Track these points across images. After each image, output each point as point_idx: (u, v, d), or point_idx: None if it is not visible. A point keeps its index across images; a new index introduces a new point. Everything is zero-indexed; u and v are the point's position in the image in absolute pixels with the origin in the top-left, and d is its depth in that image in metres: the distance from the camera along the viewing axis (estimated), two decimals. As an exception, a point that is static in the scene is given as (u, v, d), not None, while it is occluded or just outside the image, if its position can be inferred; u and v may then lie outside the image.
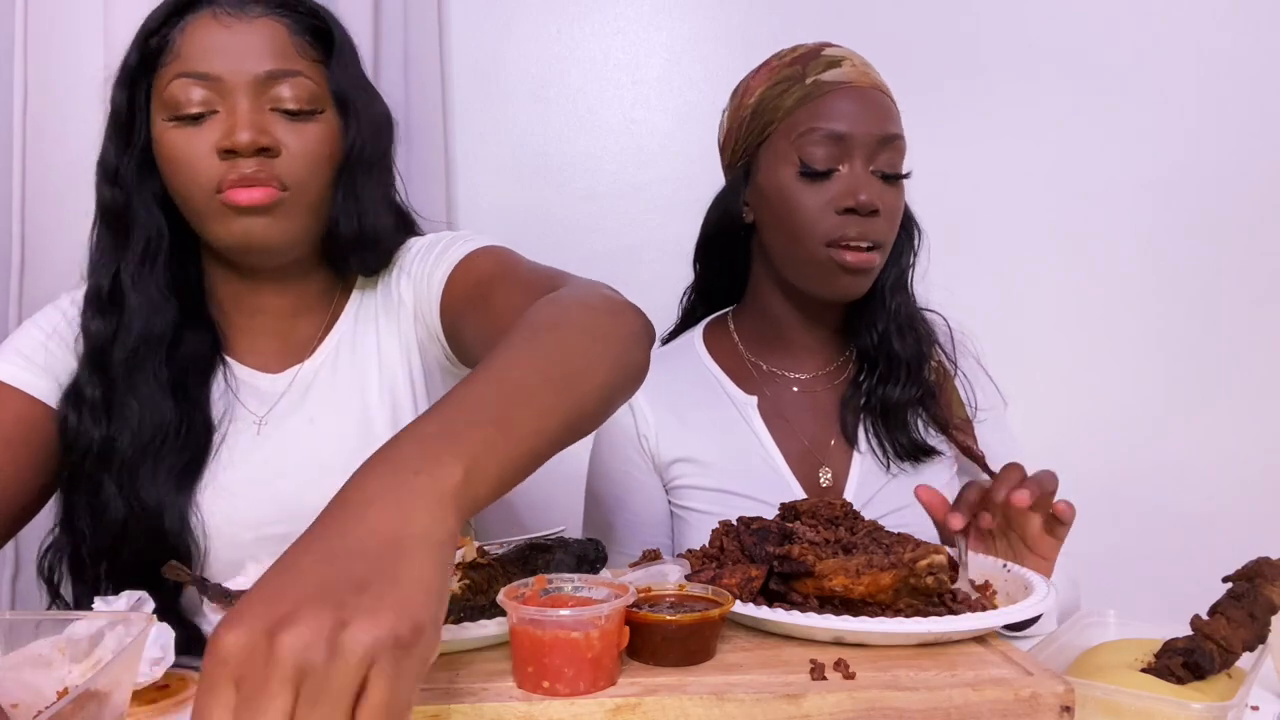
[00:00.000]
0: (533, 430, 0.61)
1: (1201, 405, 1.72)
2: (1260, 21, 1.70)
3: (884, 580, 0.75)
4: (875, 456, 1.18)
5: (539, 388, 0.64)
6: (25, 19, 1.47)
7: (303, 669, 0.43)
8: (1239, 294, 1.74)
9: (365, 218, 1.01)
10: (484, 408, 0.60)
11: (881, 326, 1.17)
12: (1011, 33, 1.71)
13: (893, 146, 1.11)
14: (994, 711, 0.64)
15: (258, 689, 0.43)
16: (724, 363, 1.23)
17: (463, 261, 1.01)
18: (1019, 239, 1.72)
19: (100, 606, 0.75)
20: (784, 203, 1.12)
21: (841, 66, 1.13)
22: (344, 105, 0.99)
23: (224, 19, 0.95)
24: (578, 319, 0.75)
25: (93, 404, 0.96)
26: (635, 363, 0.78)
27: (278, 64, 0.95)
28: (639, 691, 0.64)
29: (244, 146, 0.92)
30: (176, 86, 0.94)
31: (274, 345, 1.06)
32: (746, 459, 1.17)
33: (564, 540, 0.89)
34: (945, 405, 1.20)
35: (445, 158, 1.64)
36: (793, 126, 1.12)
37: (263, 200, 0.93)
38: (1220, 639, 0.78)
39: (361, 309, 1.09)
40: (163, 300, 0.99)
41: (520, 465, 0.60)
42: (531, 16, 1.69)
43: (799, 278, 1.15)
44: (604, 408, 0.72)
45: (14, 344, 1.00)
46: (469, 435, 0.57)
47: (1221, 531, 1.60)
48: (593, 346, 0.72)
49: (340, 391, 1.04)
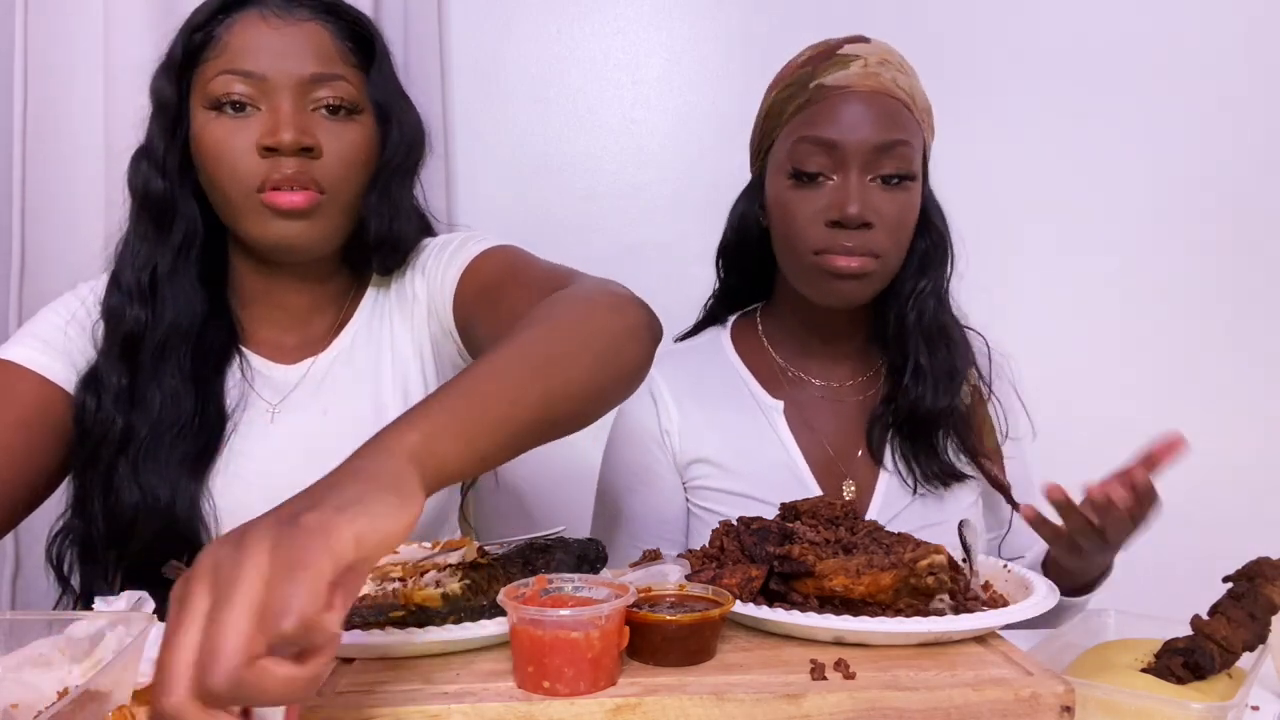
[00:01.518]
0: (504, 403, 0.66)
1: (1201, 405, 1.72)
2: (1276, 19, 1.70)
3: (884, 580, 0.75)
4: (901, 476, 1.15)
5: (513, 370, 0.68)
6: (25, 19, 1.47)
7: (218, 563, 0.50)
8: (1238, 294, 1.74)
9: (395, 222, 1.03)
10: (456, 385, 0.66)
11: (906, 338, 1.14)
12: (1011, 33, 1.71)
13: (894, 153, 1.07)
14: (994, 711, 0.64)
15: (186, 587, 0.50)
16: (751, 363, 1.21)
17: (476, 259, 1.03)
18: (1019, 239, 1.72)
19: (100, 606, 0.75)
20: (779, 210, 1.12)
21: (849, 68, 1.09)
22: (383, 112, 1.02)
23: (271, 20, 0.97)
24: (570, 313, 0.78)
25: (116, 392, 0.97)
26: (633, 355, 0.79)
27: (321, 67, 0.97)
28: (639, 691, 0.64)
29: (287, 145, 0.93)
30: (221, 82, 0.95)
31: (289, 338, 1.08)
32: (770, 465, 1.15)
33: (564, 540, 0.89)
34: (976, 431, 1.17)
35: (445, 158, 1.64)
36: (790, 133, 1.11)
37: (302, 205, 0.95)
38: (1220, 639, 0.78)
39: (376, 305, 1.10)
40: (195, 292, 1.01)
41: (491, 437, 0.64)
42: (531, 16, 1.69)
43: (798, 284, 1.14)
44: (592, 398, 0.75)
45: (31, 329, 1.01)
46: (433, 406, 0.63)
47: (1221, 531, 1.60)
48: (578, 337, 0.75)
49: (353, 384, 1.06)
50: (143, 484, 0.95)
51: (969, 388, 1.18)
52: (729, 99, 1.24)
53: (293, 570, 0.49)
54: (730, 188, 1.25)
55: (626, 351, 0.78)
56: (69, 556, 1.01)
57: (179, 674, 0.47)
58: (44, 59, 1.49)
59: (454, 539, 0.99)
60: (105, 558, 0.98)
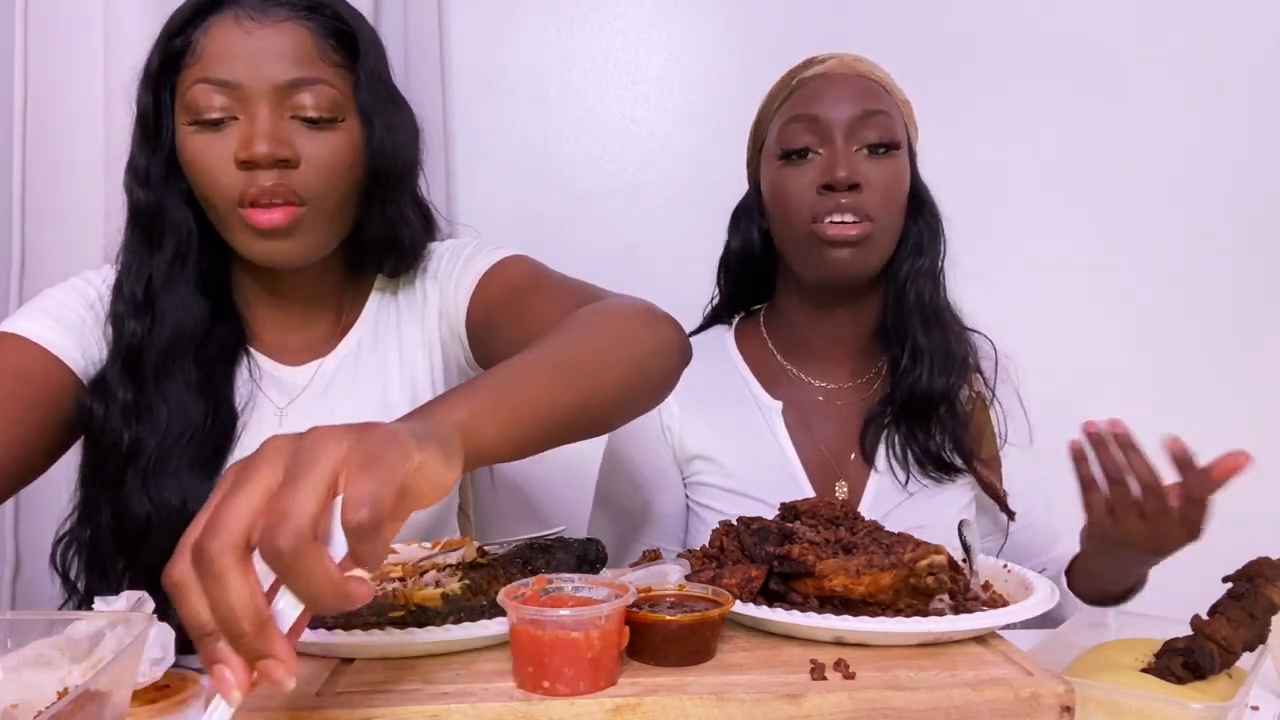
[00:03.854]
0: (545, 398, 0.68)
1: (1201, 405, 1.72)
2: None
3: (884, 580, 0.75)
4: (893, 475, 1.16)
5: (557, 368, 0.71)
6: (25, 19, 1.47)
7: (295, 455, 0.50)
8: (1238, 294, 1.74)
9: (393, 225, 1.02)
10: (502, 373, 0.68)
11: (905, 321, 1.15)
12: (1012, 31, 1.70)
13: (874, 121, 1.10)
14: (994, 711, 0.64)
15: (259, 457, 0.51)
16: (753, 363, 1.22)
17: (495, 267, 1.04)
18: (1019, 239, 1.72)
19: (100, 606, 0.75)
20: (773, 192, 1.15)
21: (827, 64, 1.15)
22: (369, 113, 0.98)
23: (245, 23, 0.93)
24: (610, 323, 0.81)
25: (124, 405, 0.95)
26: (661, 371, 0.82)
27: (300, 71, 0.93)
28: (639, 691, 0.64)
29: (262, 158, 0.91)
30: (197, 92, 0.93)
31: (296, 340, 1.07)
32: (766, 464, 1.16)
33: (564, 540, 0.89)
34: (975, 437, 1.17)
35: (445, 158, 1.64)
36: (777, 123, 1.15)
37: (281, 223, 0.93)
38: (1220, 639, 0.78)
39: (382, 306, 1.10)
40: (194, 300, 0.99)
41: (529, 428, 0.67)
42: (531, 16, 1.69)
43: (796, 265, 1.15)
44: (622, 404, 0.78)
45: (39, 305, 0.99)
46: (479, 389, 0.65)
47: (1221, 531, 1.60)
48: (616, 347, 0.78)
49: (361, 386, 1.06)
50: (153, 496, 0.94)
51: (971, 393, 1.18)
52: (729, 99, 1.24)
53: (370, 464, 0.49)
54: (729, 187, 1.25)
55: (658, 367, 0.81)
56: (76, 564, 0.99)
57: (233, 524, 0.48)
58: (44, 59, 1.49)
59: (454, 539, 0.99)
60: (113, 567, 0.97)
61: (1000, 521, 1.20)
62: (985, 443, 1.19)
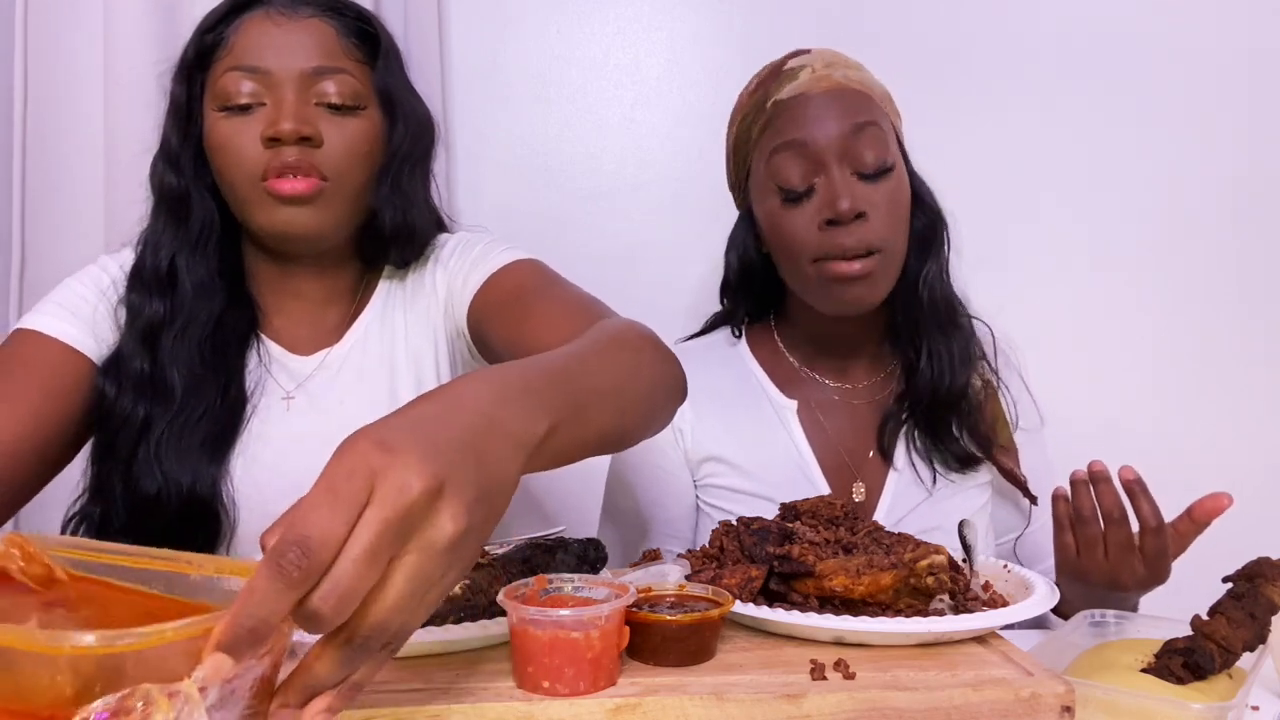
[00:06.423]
0: (604, 423, 0.67)
1: (1201, 405, 1.72)
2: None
3: (884, 580, 0.75)
4: (914, 472, 1.15)
5: (607, 392, 0.68)
6: (25, 19, 1.47)
7: (398, 508, 0.47)
8: (1238, 294, 1.74)
9: (408, 212, 1.06)
10: (566, 389, 0.63)
11: (919, 323, 1.14)
12: (1012, 31, 1.70)
13: (865, 135, 1.07)
14: (994, 711, 0.64)
15: (354, 487, 0.47)
16: (767, 364, 1.22)
17: (506, 267, 1.06)
18: (1020, 238, 1.72)
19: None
20: (774, 231, 1.12)
21: (799, 78, 1.11)
22: (387, 105, 1.04)
23: (276, 18, 1.00)
24: (630, 347, 0.79)
25: (137, 382, 0.99)
26: (665, 405, 0.82)
27: (324, 61, 1.00)
28: (639, 691, 0.64)
29: (287, 134, 0.96)
30: (228, 79, 0.99)
31: (305, 329, 1.10)
32: (782, 465, 1.16)
33: (564, 540, 0.89)
34: (989, 426, 1.17)
35: (446, 157, 1.63)
36: (762, 152, 1.12)
37: (304, 190, 0.98)
38: (1220, 639, 0.78)
39: (389, 297, 1.13)
40: (212, 284, 1.04)
41: (576, 451, 0.64)
42: (531, 16, 1.69)
43: (807, 298, 1.14)
44: (637, 435, 0.78)
45: (55, 298, 1.03)
46: (553, 396, 0.60)
47: (1221, 531, 1.60)
48: (639, 372, 0.77)
49: (369, 374, 1.09)
50: (165, 470, 0.97)
51: (980, 381, 1.18)
52: (729, 99, 1.23)
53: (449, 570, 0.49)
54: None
55: (664, 399, 0.81)
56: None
57: (315, 548, 0.47)
58: (44, 59, 1.49)
59: (454, 539, 0.99)
60: (124, 542, 0.99)
61: (1023, 507, 1.20)
62: (999, 430, 1.18)
